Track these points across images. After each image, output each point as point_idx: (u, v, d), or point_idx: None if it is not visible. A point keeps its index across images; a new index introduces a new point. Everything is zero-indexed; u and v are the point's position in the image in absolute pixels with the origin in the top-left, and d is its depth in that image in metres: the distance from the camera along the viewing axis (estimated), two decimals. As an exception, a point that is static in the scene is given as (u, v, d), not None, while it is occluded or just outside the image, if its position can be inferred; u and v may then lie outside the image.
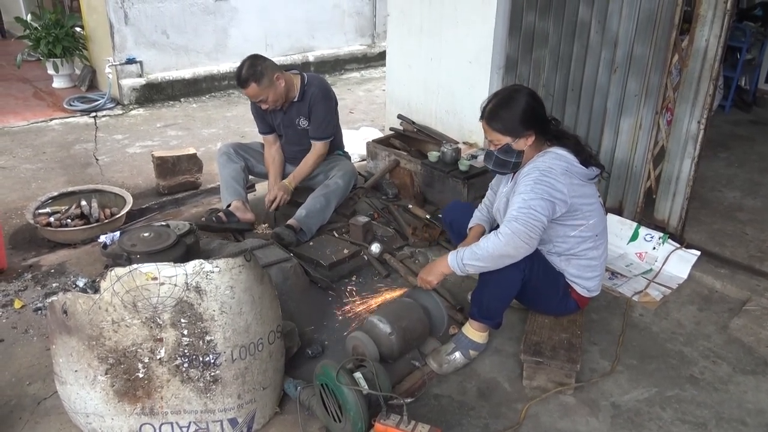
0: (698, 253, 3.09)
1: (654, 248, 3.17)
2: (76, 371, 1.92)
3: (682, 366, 2.46)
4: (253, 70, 3.14)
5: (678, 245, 3.14)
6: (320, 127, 3.39)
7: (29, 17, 6.49)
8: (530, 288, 2.32)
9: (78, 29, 6.35)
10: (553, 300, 2.44)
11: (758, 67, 5.91)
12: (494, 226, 2.54)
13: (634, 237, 3.25)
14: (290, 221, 3.23)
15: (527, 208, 2.13)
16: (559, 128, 2.35)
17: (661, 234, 3.18)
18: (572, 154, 2.25)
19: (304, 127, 3.42)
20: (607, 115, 3.32)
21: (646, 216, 3.33)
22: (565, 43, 3.42)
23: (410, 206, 3.69)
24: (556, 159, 2.23)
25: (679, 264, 3.08)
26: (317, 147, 3.43)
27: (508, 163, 2.30)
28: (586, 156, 2.28)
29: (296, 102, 3.35)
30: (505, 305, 2.37)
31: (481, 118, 2.31)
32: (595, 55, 3.29)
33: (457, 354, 2.38)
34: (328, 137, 3.45)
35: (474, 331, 2.39)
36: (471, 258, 2.18)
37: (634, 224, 3.27)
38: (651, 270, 3.11)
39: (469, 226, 2.58)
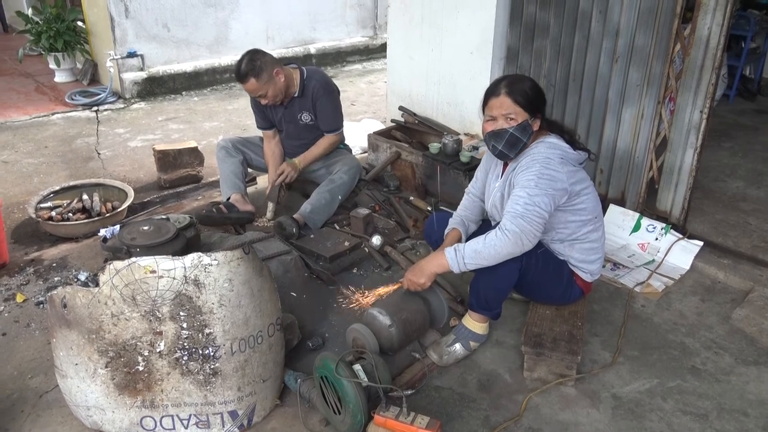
0: (701, 243, 3.08)
1: (656, 239, 3.16)
2: (76, 364, 1.93)
3: (683, 357, 2.45)
4: (252, 65, 3.12)
5: (680, 236, 3.12)
6: (330, 120, 3.40)
7: (30, 11, 6.49)
8: (530, 279, 2.32)
9: (79, 23, 6.35)
10: (557, 289, 2.43)
11: (763, 56, 5.87)
12: (471, 231, 2.54)
13: (637, 228, 3.23)
14: (295, 215, 3.22)
15: (533, 205, 2.11)
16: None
17: (664, 224, 3.17)
18: (562, 141, 2.26)
19: (307, 122, 3.41)
20: (609, 105, 3.30)
21: (648, 206, 3.32)
22: (566, 34, 3.39)
23: (411, 198, 3.68)
24: (551, 148, 2.22)
25: (681, 255, 3.07)
26: (330, 137, 3.45)
27: (519, 142, 2.22)
28: (573, 141, 2.31)
29: (297, 97, 3.33)
30: (504, 296, 2.37)
31: (497, 93, 2.20)
32: (597, 45, 3.26)
33: (458, 345, 2.38)
34: (340, 128, 3.47)
35: (474, 323, 2.38)
36: (475, 257, 2.15)
37: (637, 215, 3.25)
38: (653, 261, 3.10)
39: (446, 231, 2.55)
